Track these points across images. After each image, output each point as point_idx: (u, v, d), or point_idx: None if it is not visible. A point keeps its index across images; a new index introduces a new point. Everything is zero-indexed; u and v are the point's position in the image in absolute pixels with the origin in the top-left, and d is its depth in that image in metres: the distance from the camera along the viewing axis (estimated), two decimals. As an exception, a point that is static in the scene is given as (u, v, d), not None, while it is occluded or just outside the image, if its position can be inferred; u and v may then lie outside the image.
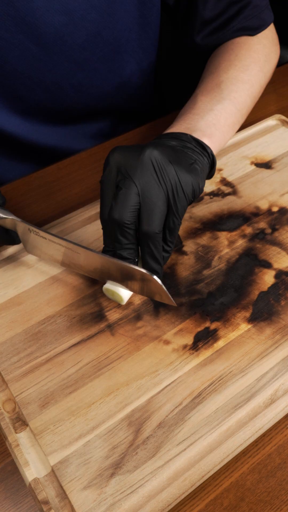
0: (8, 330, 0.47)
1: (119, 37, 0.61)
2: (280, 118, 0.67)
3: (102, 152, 0.68)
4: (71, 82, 0.62)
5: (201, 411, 0.41)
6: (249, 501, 0.38)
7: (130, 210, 0.41)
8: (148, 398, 0.42)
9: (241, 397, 0.41)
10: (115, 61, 0.63)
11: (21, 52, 0.56)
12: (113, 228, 0.42)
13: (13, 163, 0.72)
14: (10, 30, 0.54)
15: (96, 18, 0.57)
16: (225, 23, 0.63)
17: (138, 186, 0.41)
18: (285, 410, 0.41)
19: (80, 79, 0.62)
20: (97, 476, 0.38)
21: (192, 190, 0.44)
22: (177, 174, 0.43)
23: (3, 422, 0.41)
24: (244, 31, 0.63)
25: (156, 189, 0.42)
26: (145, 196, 0.41)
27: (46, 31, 0.55)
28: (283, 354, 0.44)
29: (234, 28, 0.62)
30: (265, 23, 0.64)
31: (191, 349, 0.45)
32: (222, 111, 0.54)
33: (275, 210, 0.56)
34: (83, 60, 0.60)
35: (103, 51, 0.61)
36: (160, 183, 0.42)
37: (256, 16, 0.63)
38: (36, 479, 0.38)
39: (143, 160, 0.42)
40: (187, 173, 0.43)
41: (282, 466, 0.40)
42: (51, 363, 0.44)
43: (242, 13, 0.62)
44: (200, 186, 0.45)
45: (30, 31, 0.55)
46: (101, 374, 0.43)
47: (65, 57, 0.59)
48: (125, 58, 0.64)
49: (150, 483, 0.37)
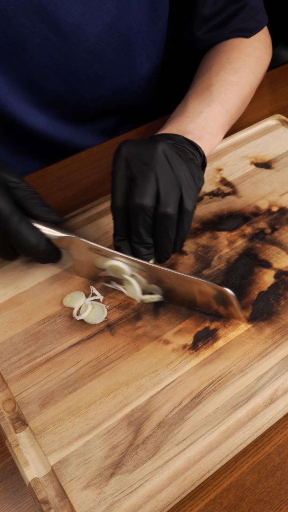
0: (8, 330, 0.47)
1: (132, 29, 0.63)
2: (280, 118, 0.68)
3: (102, 152, 0.68)
4: (87, 72, 0.64)
5: (200, 411, 0.41)
6: (248, 500, 0.38)
7: (150, 195, 0.43)
8: (148, 398, 0.42)
9: (240, 396, 0.41)
10: (128, 53, 0.65)
11: (41, 40, 0.58)
12: (134, 214, 0.44)
13: (27, 157, 0.73)
14: (31, 19, 0.56)
15: (111, 9, 0.59)
16: (223, 22, 0.64)
17: (155, 174, 0.44)
18: (285, 410, 0.41)
19: (95, 70, 0.64)
20: (96, 475, 0.38)
21: (198, 178, 0.47)
22: (185, 164, 0.46)
23: (2, 422, 0.41)
24: (240, 32, 0.65)
25: (171, 175, 0.44)
26: (162, 182, 0.44)
27: (66, 21, 0.57)
28: (283, 353, 0.44)
29: (231, 28, 0.65)
30: (260, 25, 0.66)
31: (191, 349, 0.45)
32: (211, 113, 0.56)
33: (275, 210, 0.56)
34: (99, 51, 0.62)
35: (117, 42, 0.63)
36: (174, 171, 0.44)
37: (252, 18, 0.65)
38: (35, 479, 0.38)
39: (157, 151, 0.44)
40: (193, 165, 0.47)
41: (282, 466, 0.40)
42: (51, 363, 0.44)
43: (239, 14, 0.64)
44: (202, 178, 0.49)
45: (50, 20, 0.56)
46: (100, 374, 0.43)
47: (82, 47, 0.60)
48: (136, 51, 0.66)
49: (149, 482, 0.37)
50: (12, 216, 0.43)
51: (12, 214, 0.43)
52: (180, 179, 0.45)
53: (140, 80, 0.70)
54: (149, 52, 0.68)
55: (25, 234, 0.44)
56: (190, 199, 0.45)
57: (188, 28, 0.67)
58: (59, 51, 0.60)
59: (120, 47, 0.63)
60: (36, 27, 0.56)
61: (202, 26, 0.65)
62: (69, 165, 0.67)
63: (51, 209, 0.46)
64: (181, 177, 0.45)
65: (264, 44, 0.67)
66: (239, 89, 0.61)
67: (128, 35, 0.63)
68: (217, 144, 0.58)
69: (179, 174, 0.45)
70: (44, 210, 0.46)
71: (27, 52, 0.58)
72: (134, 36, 0.64)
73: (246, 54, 0.64)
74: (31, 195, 0.46)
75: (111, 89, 0.68)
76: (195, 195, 0.46)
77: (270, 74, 0.79)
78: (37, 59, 0.60)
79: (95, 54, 0.62)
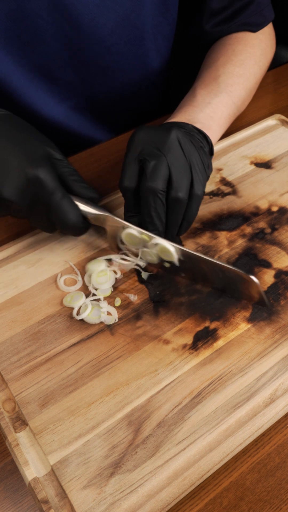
0: (8, 330, 0.47)
1: (144, 23, 0.64)
2: (280, 118, 0.68)
3: (102, 152, 0.68)
4: (100, 64, 0.65)
5: (200, 410, 0.41)
6: (248, 500, 0.38)
7: (163, 179, 0.45)
8: (148, 398, 0.42)
9: (240, 396, 0.41)
10: (139, 47, 0.66)
11: (56, 31, 0.59)
12: (146, 196, 0.45)
13: None
14: (47, 9, 0.56)
15: (125, 2, 0.60)
16: (231, 16, 0.66)
17: (168, 159, 0.45)
18: (285, 409, 0.41)
19: (108, 62, 0.65)
20: (96, 475, 0.38)
21: (207, 165, 0.50)
22: (196, 151, 0.48)
23: (2, 422, 0.41)
24: (247, 26, 0.66)
25: (183, 161, 0.46)
26: (174, 167, 0.45)
27: (81, 12, 0.58)
28: (283, 353, 0.44)
29: (239, 22, 0.66)
30: (266, 20, 0.67)
31: (191, 348, 0.45)
32: (219, 104, 0.58)
33: (275, 209, 0.56)
34: (112, 44, 0.63)
35: (129, 35, 0.64)
36: (186, 157, 0.46)
37: (259, 13, 0.66)
38: (35, 479, 0.38)
39: (171, 137, 0.46)
40: (203, 152, 0.49)
41: (282, 466, 0.40)
42: (50, 363, 0.44)
43: (247, 9, 0.65)
44: (211, 165, 0.51)
45: (66, 10, 0.57)
46: (100, 374, 0.43)
47: (96, 39, 0.61)
48: (148, 45, 0.67)
49: (149, 482, 0.37)
50: (55, 192, 0.45)
51: (56, 189, 0.45)
52: (191, 165, 0.46)
53: (151, 74, 0.72)
54: (159, 46, 0.69)
55: (66, 210, 0.45)
56: (200, 184, 0.47)
57: (196, 22, 0.68)
58: (74, 42, 0.61)
59: (132, 40, 0.64)
60: (52, 18, 0.57)
61: (210, 20, 0.67)
62: (69, 165, 0.67)
63: (89, 187, 0.49)
64: (193, 163, 0.47)
65: (268, 37, 0.69)
66: (244, 81, 0.62)
67: (140, 28, 0.64)
68: (221, 135, 0.59)
69: (190, 160, 0.46)
70: (83, 187, 0.48)
71: (42, 43, 0.59)
72: (146, 30, 0.65)
73: (251, 46, 0.65)
74: (71, 172, 0.48)
75: (123, 81, 0.69)
76: (204, 181, 0.48)
77: (270, 74, 0.79)
78: (52, 49, 0.61)
79: (108, 46, 0.63)
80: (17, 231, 0.58)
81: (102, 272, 0.50)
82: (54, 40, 0.60)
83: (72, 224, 0.46)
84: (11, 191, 0.43)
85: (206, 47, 0.69)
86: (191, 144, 0.48)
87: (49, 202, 0.45)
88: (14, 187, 0.43)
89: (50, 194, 0.44)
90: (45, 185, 0.44)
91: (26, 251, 0.53)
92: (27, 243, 0.54)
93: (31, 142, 0.46)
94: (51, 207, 0.45)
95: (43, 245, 0.54)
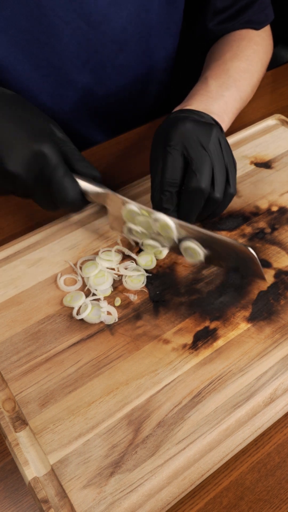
0: (8, 330, 0.47)
1: (152, 21, 0.65)
2: (280, 117, 0.68)
3: (101, 152, 0.68)
4: (113, 63, 0.66)
5: (200, 410, 0.41)
6: (248, 500, 0.38)
7: (210, 180, 0.46)
8: (148, 397, 0.42)
9: (240, 396, 0.41)
10: (148, 44, 0.67)
11: (73, 30, 0.60)
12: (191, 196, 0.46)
13: None
14: (64, 7, 0.57)
15: (135, 0, 0.61)
16: (235, 14, 0.67)
17: (211, 159, 0.46)
18: (285, 409, 0.41)
19: (120, 61, 0.66)
20: (96, 475, 0.38)
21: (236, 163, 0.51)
22: (230, 149, 0.50)
23: (2, 421, 0.41)
24: (251, 24, 0.67)
25: (222, 160, 0.47)
26: (216, 167, 0.47)
27: (95, 10, 0.59)
28: (283, 353, 0.44)
29: (243, 20, 0.67)
30: (268, 18, 0.69)
31: (191, 348, 0.45)
32: (230, 98, 0.58)
33: (275, 209, 0.56)
34: (124, 41, 0.64)
35: (140, 33, 0.65)
36: (223, 156, 0.48)
37: (262, 12, 0.68)
38: (35, 478, 0.38)
39: (213, 135, 0.47)
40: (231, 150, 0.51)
41: (282, 465, 0.40)
42: (50, 362, 0.44)
43: (251, 7, 0.67)
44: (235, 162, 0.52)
45: (81, 9, 0.58)
46: (100, 374, 0.44)
47: (109, 37, 0.62)
48: (155, 42, 0.68)
49: (149, 482, 0.37)
50: (58, 167, 0.45)
51: (59, 165, 0.45)
52: (227, 164, 0.48)
53: (157, 71, 0.73)
54: (165, 44, 0.70)
55: (67, 187, 0.46)
56: (234, 184, 0.49)
57: (200, 20, 0.69)
58: (89, 41, 0.61)
59: (142, 38, 0.65)
60: (69, 17, 0.58)
61: (213, 18, 0.67)
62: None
63: (91, 165, 0.49)
64: (228, 163, 0.48)
65: (269, 35, 0.70)
66: (250, 77, 0.63)
67: (148, 25, 0.65)
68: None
69: (227, 160, 0.48)
70: (85, 165, 0.49)
71: (60, 42, 0.60)
72: (153, 27, 0.66)
73: (255, 43, 0.66)
74: (74, 151, 0.49)
75: (133, 78, 0.70)
76: (236, 179, 0.49)
77: (270, 74, 0.79)
78: (69, 49, 0.61)
79: (120, 44, 0.64)
80: (17, 231, 0.58)
81: (100, 273, 0.50)
82: (71, 39, 0.60)
83: (71, 200, 0.47)
84: (17, 165, 0.44)
85: (208, 45, 0.70)
86: (226, 142, 0.49)
87: (51, 178, 0.45)
88: (19, 161, 0.44)
89: (53, 169, 0.45)
90: (49, 160, 0.45)
91: (26, 251, 0.54)
92: (27, 243, 0.54)
93: (37, 120, 0.47)
94: (52, 182, 0.46)
95: (43, 245, 0.54)
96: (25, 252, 0.53)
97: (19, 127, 0.45)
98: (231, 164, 0.49)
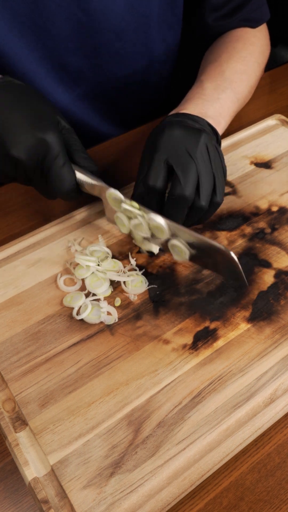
0: (8, 330, 0.47)
1: (151, 11, 0.65)
2: (280, 118, 0.68)
3: (101, 153, 0.68)
4: (109, 50, 0.66)
5: (200, 410, 0.41)
6: (248, 500, 0.38)
7: (194, 188, 0.46)
8: (148, 398, 0.42)
9: (240, 396, 0.41)
10: (147, 35, 0.67)
11: (68, 16, 0.60)
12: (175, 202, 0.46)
13: None
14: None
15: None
16: (232, 12, 0.67)
17: (197, 166, 0.46)
18: (285, 409, 0.41)
19: (117, 49, 0.66)
20: (96, 475, 0.38)
21: (225, 169, 0.51)
22: (219, 157, 0.49)
23: (2, 422, 0.41)
24: (247, 22, 0.68)
25: (209, 169, 0.47)
26: (202, 175, 0.46)
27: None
28: (283, 353, 0.44)
29: (240, 18, 0.67)
30: (264, 17, 0.69)
31: (191, 348, 0.45)
32: (227, 101, 0.58)
33: (275, 209, 0.56)
34: (121, 30, 0.64)
35: (137, 22, 0.65)
36: (211, 163, 0.47)
37: (258, 10, 0.68)
38: (35, 478, 0.38)
39: (201, 142, 0.47)
40: (221, 157, 0.50)
41: (282, 466, 0.40)
42: (50, 363, 0.44)
43: (247, 5, 0.67)
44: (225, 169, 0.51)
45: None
46: (100, 374, 0.43)
47: (105, 25, 0.63)
48: (153, 33, 0.68)
49: (149, 482, 0.37)
50: (58, 157, 0.46)
51: (59, 154, 0.46)
52: (215, 172, 0.48)
53: (156, 63, 0.73)
54: (165, 36, 0.70)
55: (64, 177, 0.47)
56: (221, 193, 0.48)
57: (198, 15, 0.69)
58: (84, 27, 0.62)
59: (140, 28, 0.66)
60: (64, 2, 0.59)
61: (211, 15, 0.68)
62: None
63: (89, 158, 0.50)
64: (216, 170, 0.48)
65: (265, 35, 0.70)
66: (247, 78, 0.63)
67: (147, 16, 0.65)
68: None
69: (214, 167, 0.48)
70: (84, 157, 0.50)
71: (55, 27, 0.61)
72: (152, 19, 0.66)
73: (250, 44, 0.66)
74: (75, 142, 0.50)
75: (130, 69, 0.70)
76: (224, 188, 0.49)
77: (270, 74, 0.79)
78: (64, 33, 0.62)
79: (117, 32, 0.64)
80: (17, 231, 0.58)
81: (94, 277, 0.50)
82: (66, 24, 0.61)
83: (66, 190, 0.48)
84: (20, 151, 0.45)
85: (208, 40, 0.70)
86: (214, 149, 0.49)
87: (50, 166, 0.46)
88: (23, 147, 0.45)
89: (53, 158, 0.46)
90: (51, 149, 0.46)
91: (26, 251, 0.53)
92: (27, 243, 0.54)
93: (42, 109, 0.48)
94: (51, 170, 0.47)
95: (43, 245, 0.54)
96: (25, 252, 0.53)
97: (25, 115, 0.46)
98: (220, 172, 0.48)
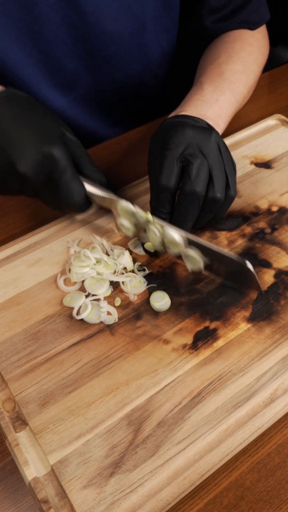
0: (8, 330, 0.47)
1: (146, 14, 0.65)
2: (280, 118, 0.68)
3: (100, 153, 0.68)
4: (103, 54, 0.66)
5: (200, 410, 0.41)
6: (248, 500, 0.38)
7: (205, 183, 0.47)
8: (148, 398, 0.42)
9: (240, 396, 0.41)
10: (142, 38, 0.67)
11: (61, 18, 0.60)
12: (186, 199, 0.47)
13: None
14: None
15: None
16: (231, 14, 0.67)
17: (209, 162, 0.47)
18: (285, 409, 0.41)
19: (111, 52, 0.66)
20: (96, 475, 0.38)
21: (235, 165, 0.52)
22: (228, 153, 0.50)
23: (2, 422, 0.41)
24: (246, 24, 0.67)
25: (221, 163, 0.48)
26: (214, 169, 0.47)
27: (85, 0, 0.59)
28: (283, 353, 0.44)
29: (238, 20, 0.67)
30: (263, 18, 0.69)
31: (191, 348, 0.45)
32: (225, 102, 0.58)
33: (275, 209, 0.56)
34: (115, 33, 0.64)
35: (132, 26, 0.65)
36: (223, 159, 0.49)
37: (257, 11, 0.67)
38: (35, 478, 0.38)
39: (212, 139, 0.48)
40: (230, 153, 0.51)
41: (282, 465, 0.40)
42: (50, 363, 0.44)
43: (246, 7, 0.67)
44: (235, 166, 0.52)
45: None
46: (100, 374, 0.43)
47: (100, 28, 0.62)
48: (149, 36, 0.68)
49: (149, 482, 0.37)
50: (66, 170, 0.46)
51: (67, 168, 0.46)
52: (226, 168, 0.48)
53: (152, 66, 0.73)
54: (160, 39, 0.70)
55: (73, 190, 0.47)
56: (234, 185, 0.49)
57: (196, 17, 0.69)
58: (78, 30, 0.62)
59: (135, 31, 0.65)
60: (57, 5, 0.59)
61: (209, 17, 0.68)
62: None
63: (98, 170, 0.50)
64: (228, 165, 0.49)
65: (264, 36, 0.70)
66: (245, 78, 0.63)
67: (142, 19, 0.65)
68: None
69: (226, 162, 0.49)
70: (93, 170, 0.49)
71: (49, 30, 0.61)
72: (147, 21, 0.66)
73: (248, 44, 0.66)
74: (83, 154, 0.49)
75: (126, 72, 0.70)
76: (235, 182, 0.50)
77: (270, 74, 0.79)
78: (58, 36, 0.62)
79: (112, 35, 0.64)
80: (17, 231, 0.58)
81: (92, 279, 0.50)
82: (60, 27, 0.61)
83: (76, 203, 0.48)
84: (27, 167, 0.45)
85: (205, 42, 0.70)
86: (225, 145, 0.50)
87: (58, 180, 0.46)
88: (29, 163, 0.45)
89: (61, 172, 0.46)
90: (58, 163, 0.45)
91: (26, 251, 0.54)
92: (27, 243, 0.54)
93: (48, 122, 0.47)
94: (60, 185, 0.46)
95: (43, 245, 0.54)
96: (25, 252, 0.53)
97: (30, 129, 0.46)
98: (231, 168, 0.49)
